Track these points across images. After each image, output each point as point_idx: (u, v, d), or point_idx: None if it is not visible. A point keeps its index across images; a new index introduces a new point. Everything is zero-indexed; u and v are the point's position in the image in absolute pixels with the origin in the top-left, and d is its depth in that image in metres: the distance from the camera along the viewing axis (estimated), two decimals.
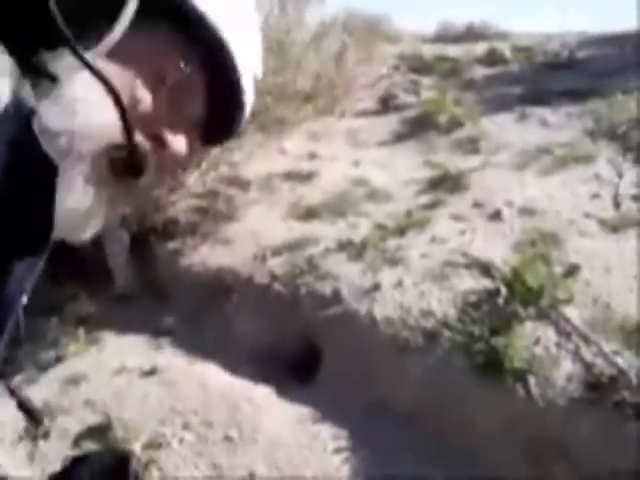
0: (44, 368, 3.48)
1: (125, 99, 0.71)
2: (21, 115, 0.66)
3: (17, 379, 3.41)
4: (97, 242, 3.93)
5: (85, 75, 0.69)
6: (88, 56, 0.69)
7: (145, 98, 0.75)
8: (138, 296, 4.04)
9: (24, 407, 0.88)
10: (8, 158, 0.67)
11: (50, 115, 0.68)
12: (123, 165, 0.73)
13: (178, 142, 0.79)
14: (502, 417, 2.70)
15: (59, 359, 3.53)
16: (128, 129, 0.71)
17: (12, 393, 0.88)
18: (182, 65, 0.78)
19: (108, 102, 0.70)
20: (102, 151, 0.71)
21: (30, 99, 0.67)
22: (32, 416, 0.87)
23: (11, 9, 0.68)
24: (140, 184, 0.77)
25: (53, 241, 0.77)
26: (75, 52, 0.67)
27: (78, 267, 3.90)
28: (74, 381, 3.32)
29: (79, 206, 0.71)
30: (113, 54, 0.73)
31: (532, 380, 2.71)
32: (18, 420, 3.07)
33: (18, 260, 0.70)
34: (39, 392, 3.29)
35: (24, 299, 0.77)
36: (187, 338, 3.64)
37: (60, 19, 0.66)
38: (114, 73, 0.71)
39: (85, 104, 0.70)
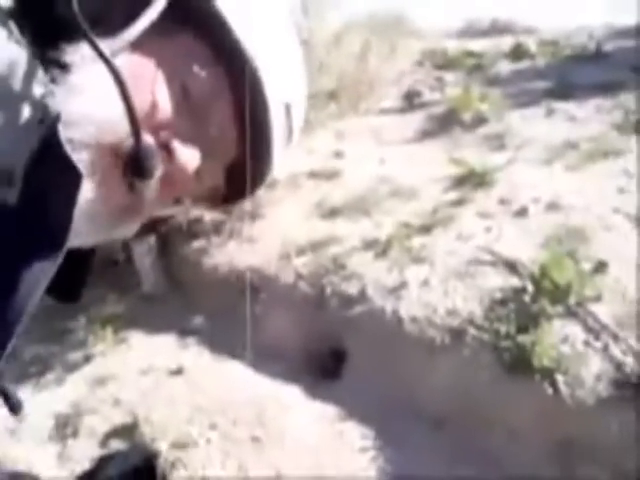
0: (72, 368, 3.52)
1: (140, 100, 0.71)
2: (47, 121, 0.67)
3: (46, 379, 3.46)
4: (124, 243, 3.96)
5: (98, 66, 0.68)
6: (104, 46, 0.68)
7: (161, 103, 0.74)
8: (165, 296, 4.06)
9: (4, 394, 0.87)
10: (32, 163, 0.67)
11: (55, 99, 0.68)
12: (129, 163, 0.71)
13: (188, 155, 0.77)
14: (530, 416, 2.67)
15: (87, 359, 3.57)
16: (134, 123, 0.70)
17: None
18: (207, 79, 0.77)
19: (117, 96, 0.69)
20: (107, 147, 0.71)
21: (56, 105, 0.67)
22: (11, 404, 0.87)
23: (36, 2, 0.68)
24: (148, 192, 0.75)
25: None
26: (87, 38, 0.67)
27: (105, 268, 3.94)
28: (102, 381, 3.35)
29: (81, 202, 0.69)
30: (137, 55, 0.73)
31: (560, 378, 2.68)
32: (47, 419, 3.11)
33: (31, 262, 0.70)
34: (67, 392, 3.33)
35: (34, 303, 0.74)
36: (213, 337, 3.65)
37: (76, 5, 0.66)
38: (132, 71, 0.71)
39: (93, 92, 0.69)
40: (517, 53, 6.16)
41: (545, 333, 2.82)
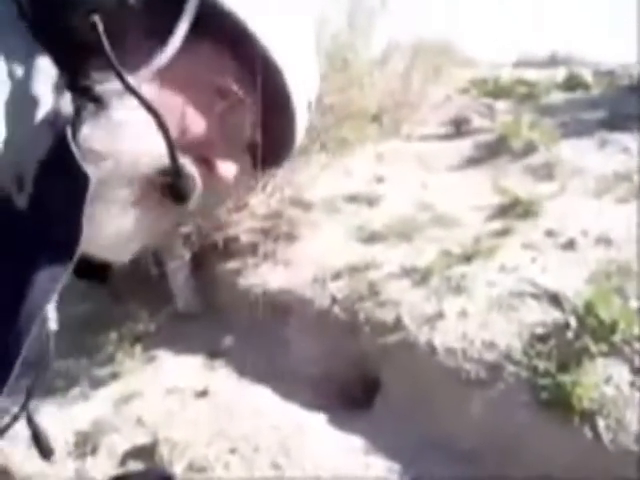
0: (98, 384, 3.48)
1: (173, 122, 0.70)
2: (58, 124, 0.65)
3: (71, 394, 3.42)
4: (158, 260, 3.93)
5: (132, 99, 0.67)
6: (135, 79, 0.66)
7: (195, 122, 0.74)
8: (197, 315, 4.00)
9: (36, 437, 0.87)
10: (40, 166, 0.66)
11: (95, 138, 0.67)
12: (168, 190, 0.72)
13: (227, 167, 0.78)
14: (567, 459, 2.51)
15: (114, 376, 3.52)
16: (173, 154, 0.69)
17: (29, 421, 0.86)
18: (234, 87, 0.76)
19: (154, 127, 0.68)
20: (147, 178, 0.70)
21: (67, 108, 0.65)
22: (42, 448, 0.87)
23: (62, 31, 0.67)
24: (187, 208, 0.76)
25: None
26: (121, 78, 0.65)
27: (139, 285, 3.90)
28: (126, 399, 3.29)
29: (120, 229, 0.71)
30: (162, 74, 0.71)
31: (602, 422, 2.51)
32: (68, 435, 3.06)
33: (41, 270, 0.67)
34: (91, 408, 3.28)
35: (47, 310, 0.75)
36: (243, 360, 3.57)
37: (107, 43, 0.64)
38: (162, 95, 0.70)
39: (130, 128, 0.68)
40: (571, 83, 6.00)
41: (587, 372, 2.66)
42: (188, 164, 0.73)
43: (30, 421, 0.85)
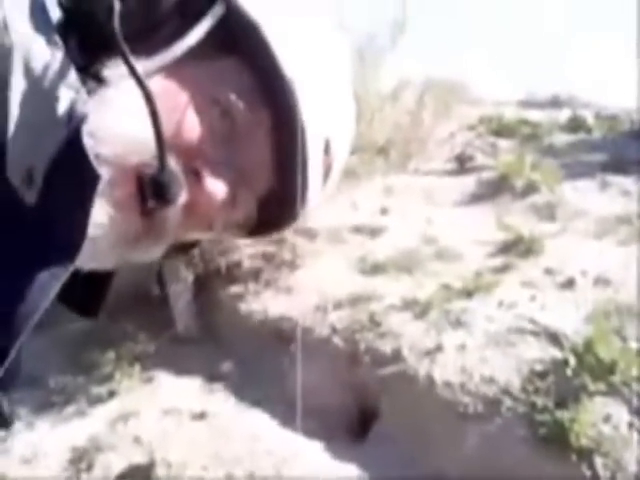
0: (95, 402, 3.47)
1: (171, 124, 0.69)
2: (72, 123, 0.66)
3: (68, 411, 3.42)
4: (160, 281, 3.95)
5: (133, 84, 0.67)
6: (139, 66, 0.67)
7: (194, 129, 0.72)
8: (197, 338, 4.01)
9: None
10: (52, 163, 0.66)
11: (87, 107, 0.67)
12: (150, 186, 0.69)
13: (216, 184, 0.74)
14: None
15: (111, 394, 3.51)
16: (160, 141, 0.67)
17: None
18: (245, 107, 0.75)
19: (146, 115, 0.67)
20: (131, 167, 0.69)
21: (84, 109, 0.66)
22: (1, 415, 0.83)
23: (78, 13, 0.69)
24: (169, 217, 0.72)
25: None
26: (122, 54, 0.66)
27: (139, 305, 3.92)
28: (123, 418, 3.28)
29: (93, 220, 0.66)
30: (174, 78, 0.72)
31: (599, 461, 2.52)
32: (63, 452, 3.05)
33: (42, 269, 0.66)
34: (88, 425, 3.27)
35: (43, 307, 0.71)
36: (241, 385, 3.57)
37: (117, 23, 0.66)
38: (166, 94, 0.70)
39: (120, 108, 0.68)
40: (573, 125, 6.09)
41: (585, 410, 2.67)
42: (174, 164, 0.70)
43: None
